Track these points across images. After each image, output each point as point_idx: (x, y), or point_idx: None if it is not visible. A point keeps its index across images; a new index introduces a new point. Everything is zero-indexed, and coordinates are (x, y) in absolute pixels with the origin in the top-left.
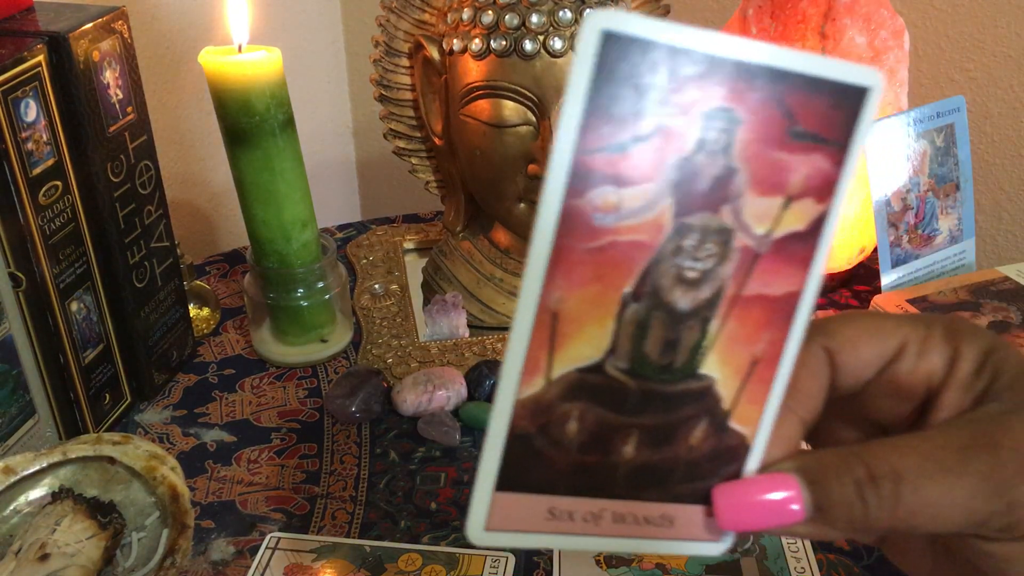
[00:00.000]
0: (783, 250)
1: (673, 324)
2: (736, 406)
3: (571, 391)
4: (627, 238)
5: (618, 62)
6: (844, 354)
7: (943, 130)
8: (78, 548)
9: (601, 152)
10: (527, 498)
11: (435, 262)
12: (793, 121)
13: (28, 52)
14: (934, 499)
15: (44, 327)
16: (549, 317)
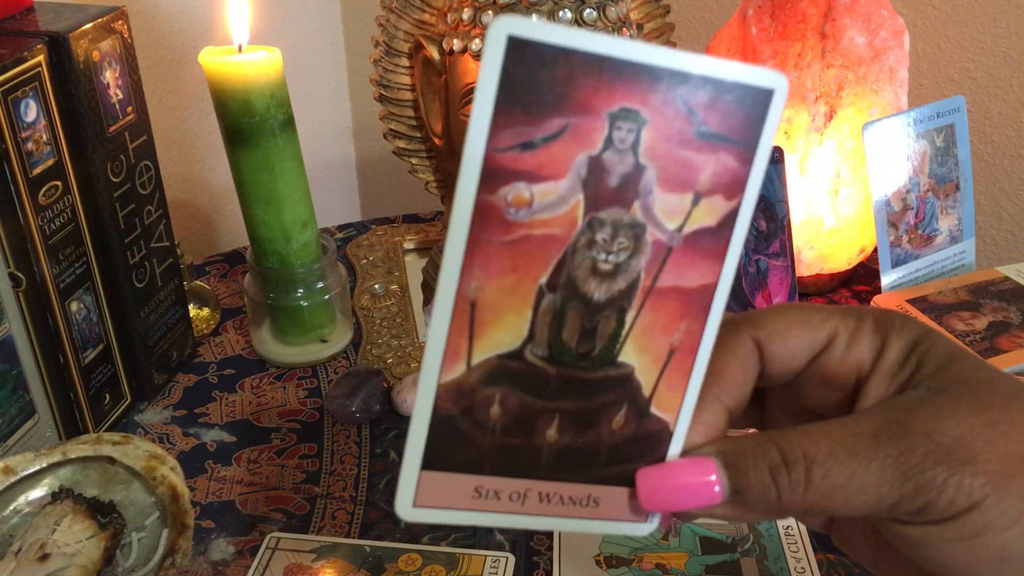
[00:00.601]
0: (695, 244)
1: (589, 314)
2: (656, 393)
3: (492, 376)
4: (541, 232)
5: (524, 65)
6: (773, 345)
7: (943, 130)
8: (78, 548)
9: (511, 151)
10: (453, 477)
11: (435, 262)
12: (698, 121)
13: (28, 52)
14: (843, 483)
15: (44, 327)
16: (467, 306)
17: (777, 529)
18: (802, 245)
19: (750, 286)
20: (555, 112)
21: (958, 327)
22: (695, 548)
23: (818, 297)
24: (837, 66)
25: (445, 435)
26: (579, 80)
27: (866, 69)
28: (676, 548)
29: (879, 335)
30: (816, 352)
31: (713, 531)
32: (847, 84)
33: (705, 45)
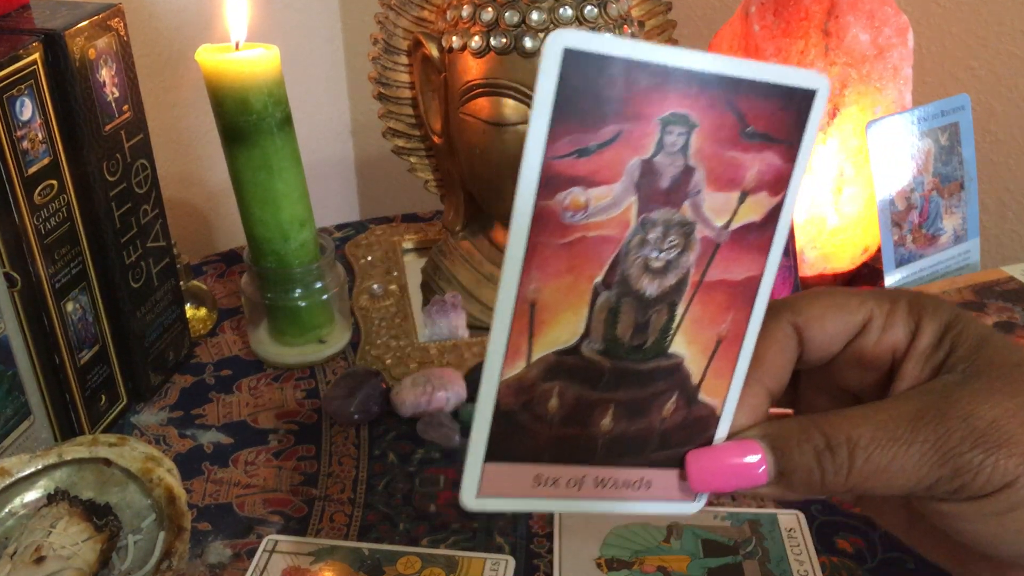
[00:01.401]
0: (741, 239)
1: (642, 309)
2: (704, 380)
3: (550, 371)
4: (596, 233)
5: (579, 76)
6: (811, 330)
7: (947, 129)
8: (74, 551)
9: (567, 157)
10: (514, 467)
11: (434, 262)
12: (745, 123)
13: (23, 50)
14: (884, 466)
15: (39, 328)
16: (527, 306)
17: (780, 531)
18: (805, 245)
19: None
20: (609, 119)
21: None
22: (697, 551)
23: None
24: (840, 64)
25: (507, 428)
26: (632, 88)
27: (870, 67)
28: (678, 550)
29: (913, 318)
30: (852, 336)
31: (715, 534)
32: (850, 82)
33: (707, 42)
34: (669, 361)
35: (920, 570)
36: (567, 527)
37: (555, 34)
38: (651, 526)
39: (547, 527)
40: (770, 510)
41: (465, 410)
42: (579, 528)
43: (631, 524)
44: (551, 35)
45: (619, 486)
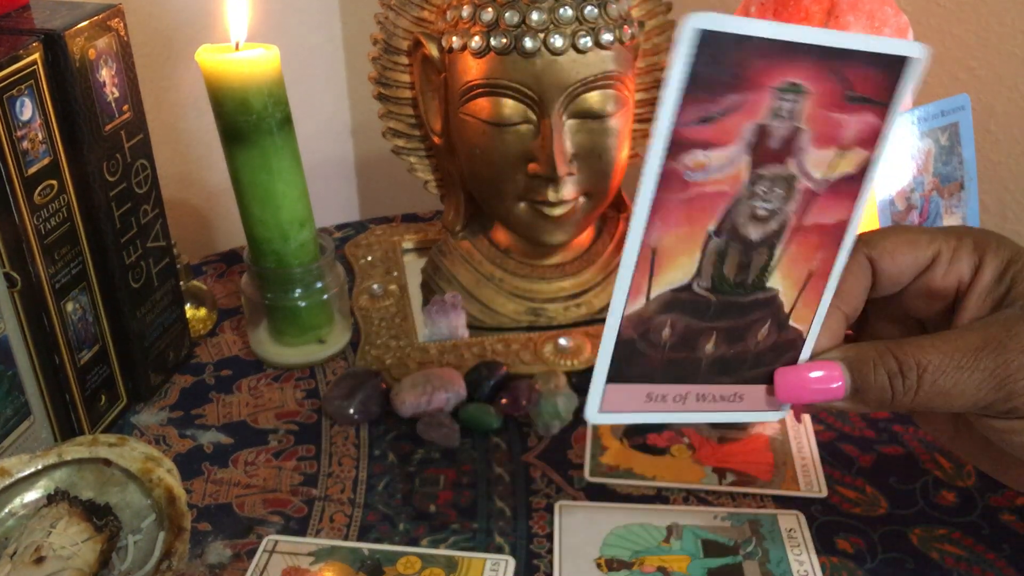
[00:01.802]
0: (837, 189)
1: (746, 251)
2: (795, 309)
3: (665, 306)
4: (712, 188)
5: (707, 54)
6: (884, 262)
7: (947, 129)
8: (74, 551)
9: (693, 124)
10: (630, 387)
11: (434, 262)
12: (849, 87)
13: (23, 50)
14: (948, 389)
15: (39, 328)
16: (649, 252)
17: (780, 531)
18: None
19: None
20: (731, 90)
21: None
22: (697, 551)
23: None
24: None
25: (626, 354)
26: (752, 61)
27: None
28: (678, 551)
29: (977, 254)
30: (921, 269)
31: (715, 534)
32: None
33: None
34: (766, 294)
35: (919, 570)
36: (567, 527)
37: (689, 17)
38: (651, 526)
39: (548, 527)
40: (770, 510)
41: (465, 411)
42: (579, 528)
43: (631, 524)
44: (685, 17)
45: (716, 400)
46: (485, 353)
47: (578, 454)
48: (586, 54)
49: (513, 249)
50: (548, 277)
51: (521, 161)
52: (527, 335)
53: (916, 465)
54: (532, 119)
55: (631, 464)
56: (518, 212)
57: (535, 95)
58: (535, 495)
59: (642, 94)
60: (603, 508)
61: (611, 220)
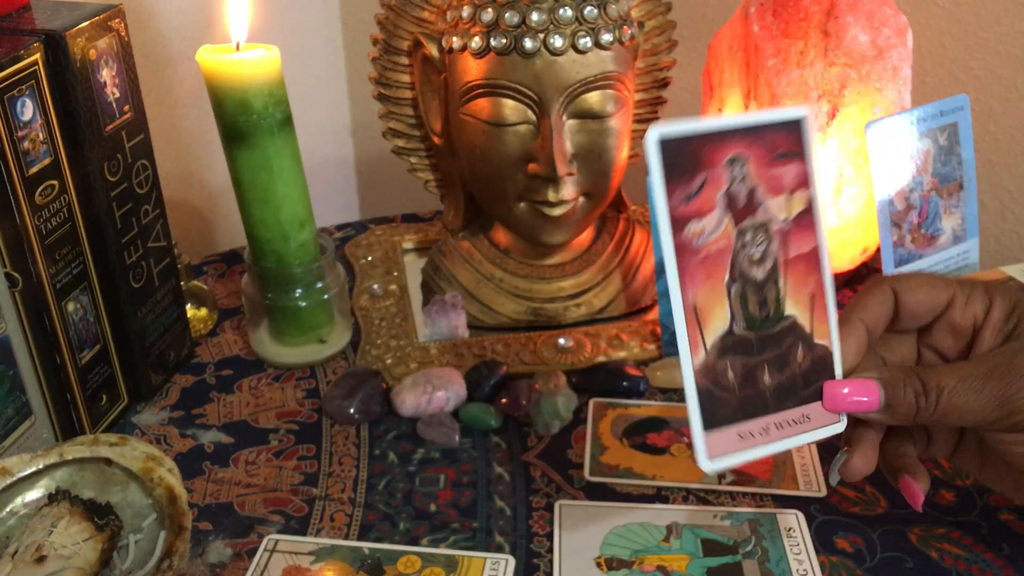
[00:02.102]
0: (799, 224)
1: (759, 290)
2: (814, 328)
3: (721, 352)
4: (715, 247)
5: (669, 151)
6: (905, 295)
7: (946, 129)
8: (75, 550)
9: (681, 204)
10: (723, 431)
11: (434, 262)
12: (774, 148)
13: (24, 50)
14: (960, 406)
15: (40, 327)
16: (692, 310)
17: (779, 531)
18: None
19: None
20: (696, 171)
21: None
22: (696, 550)
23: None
24: (840, 64)
25: (708, 403)
26: (703, 148)
27: (869, 67)
28: (677, 550)
29: (988, 297)
30: (939, 309)
31: (714, 533)
32: (850, 82)
33: (707, 43)
34: (788, 321)
35: (918, 570)
36: (567, 527)
37: (650, 129)
38: (651, 525)
39: (548, 526)
40: (769, 510)
41: (465, 410)
42: (579, 528)
43: (631, 523)
44: (650, 130)
45: (791, 425)
46: (485, 353)
47: (578, 453)
48: (586, 54)
49: (513, 249)
50: (548, 277)
51: (521, 161)
52: (527, 335)
53: None
54: (532, 119)
55: (631, 463)
56: (518, 212)
57: (535, 95)
58: (535, 494)
59: (642, 94)
60: (603, 507)
61: (611, 220)
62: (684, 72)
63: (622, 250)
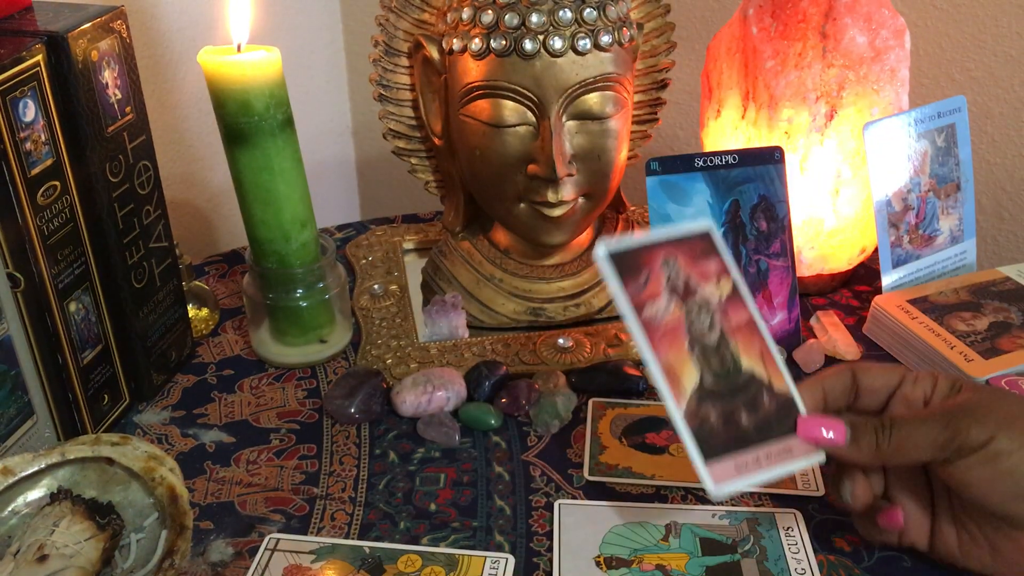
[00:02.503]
0: (732, 302)
1: (715, 351)
2: (771, 379)
3: (699, 400)
4: (671, 322)
5: (618, 260)
6: (861, 374)
7: (944, 130)
8: (76, 549)
9: (636, 293)
10: (721, 462)
11: (434, 262)
12: (695, 250)
13: (27, 52)
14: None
15: (42, 327)
16: (668, 370)
17: (777, 530)
18: (802, 245)
19: (751, 286)
20: (641, 269)
21: (959, 327)
22: (695, 549)
23: (819, 297)
24: (838, 66)
25: (701, 439)
26: (640, 255)
27: (867, 69)
28: (676, 549)
29: (933, 377)
30: (893, 387)
31: (713, 532)
32: (848, 84)
33: (705, 45)
34: (748, 374)
35: (916, 569)
36: (567, 526)
37: (598, 246)
38: (650, 524)
39: (547, 526)
40: (768, 509)
41: (465, 410)
42: (578, 527)
43: (630, 523)
44: (597, 246)
45: (778, 455)
46: (485, 353)
47: (577, 453)
48: (585, 56)
49: (513, 249)
50: (547, 277)
51: (521, 162)
52: (527, 335)
53: None
54: (531, 120)
55: (630, 463)
56: (518, 213)
57: (535, 97)
58: (535, 494)
59: (641, 95)
60: (602, 507)
61: (610, 221)
62: (683, 73)
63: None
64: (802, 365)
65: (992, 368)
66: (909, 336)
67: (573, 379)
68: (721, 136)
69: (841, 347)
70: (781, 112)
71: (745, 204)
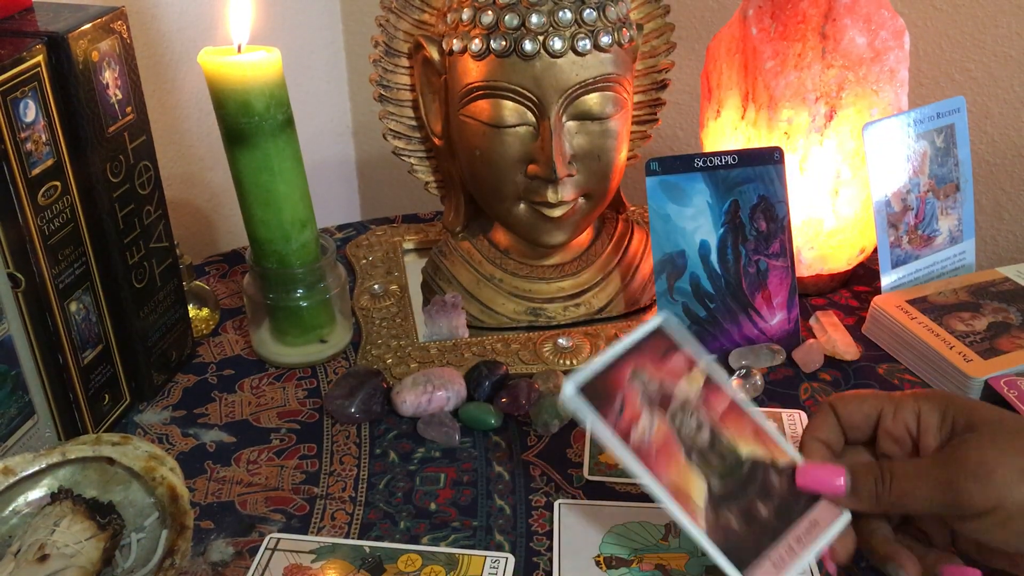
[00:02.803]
0: (708, 391)
1: (712, 450)
2: (773, 455)
3: (716, 507)
4: (660, 438)
5: (587, 391)
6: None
7: (943, 131)
8: (77, 549)
9: (616, 420)
10: (758, 565)
11: (435, 262)
12: (656, 351)
13: (27, 52)
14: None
15: (43, 327)
16: (674, 488)
17: None
18: (802, 245)
19: (750, 286)
20: (614, 393)
21: (958, 327)
22: (695, 549)
23: (818, 297)
24: (837, 66)
25: (731, 551)
26: (608, 377)
27: (866, 69)
28: (676, 548)
29: (916, 405)
30: (873, 420)
31: None
32: (847, 84)
33: (705, 45)
34: (749, 461)
35: None
36: (567, 525)
37: (566, 384)
38: (650, 524)
39: (547, 525)
40: None
41: (465, 410)
42: (578, 526)
43: (630, 522)
44: (565, 385)
45: (806, 534)
46: (485, 353)
47: (577, 452)
48: (585, 56)
49: (513, 249)
50: (547, 277)
51: (521, 162)
52: (527, 335)
53: None
54: (531, 121)
55: None
56: (518, 213)
57: (534, 97)
58: (535, 493)
59: (641, 96)
60: (602, 506)
61: (609, 221)
62: (683, 74)
63: (621, 250)
64: (802, 365)
65: (991, 368)
66: (908, 336)
67: None
68: (721, 136)
69: (840, 347)
70: (781, 112)
71: (745, 204)
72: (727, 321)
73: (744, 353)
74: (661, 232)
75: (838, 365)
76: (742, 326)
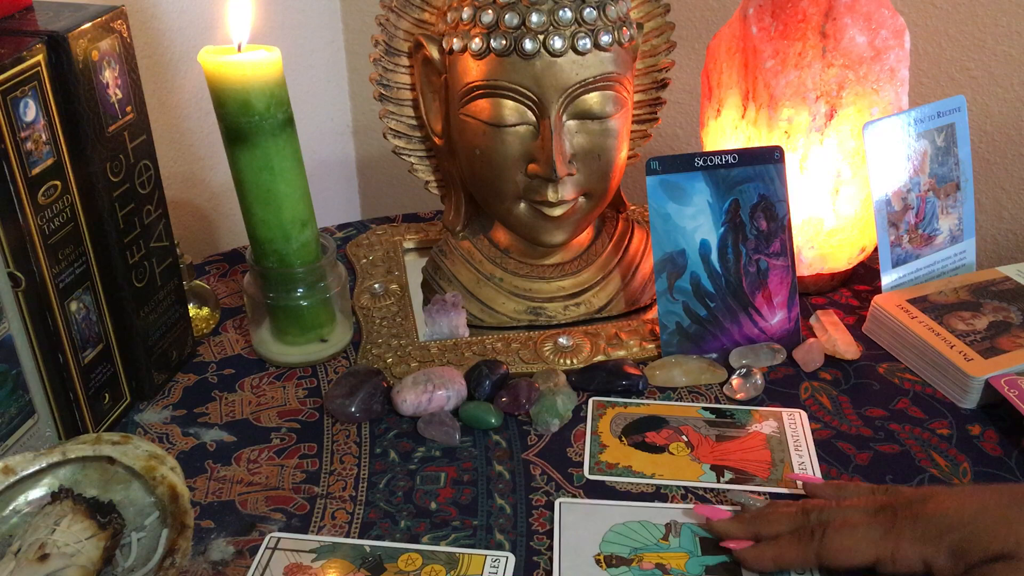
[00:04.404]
0: None
1: None
2: None
3: None
4: None
5: None
6: (830, 561)
7: (944, 130)
8: (77, 548)
9: None
10: None
11: (435, 261)
12: None
13: (27, 52)
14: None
15: (43, 327)
16: None
17: None
18: (802, 244)
19: (750, 286)
20: None
21: (958, 327)
22: (695, 548)
23: (818, 296)
24: (838, 65)
25: None
26: None
27: (867, 68)
28: (676, 548)
29: (917, 550)
30: (868, 564)
31: None
32: (848, 83)
33: (705, 45)
34: None
35: None
36: (567, 525)
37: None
38: (650, 523)
39: (547, 524)
40: None
41: (465, 409)
42: (579, 525)
43: (630, 521)
44: None
45: None
46: (485, 352)
47: (578, 452)
48: (585, 56)
49: (513, 249)
50: (548, 277)
51: (521, 162)
52: (527, 334)
53: (912, 463)
54: (532, 120)
55: (630, 462)
56: (518, 212)
57: (535, 96)
58: (535, 492)
59: (641, 95)
60: (602, 505)
61: (610, 220)
62: (683, 73)
63: (621, 250)
64: (802, 364)
65: (992, 367)
66: (909, 335)
67: (573, 378)
68: (721, 136)
69: (841, 346)
70: (781, 112)
71: (745, 203)
72: (727, 320)
73: (744, 352)
74: (661, 231)
75: (838, 364)
76: (742, 325)
